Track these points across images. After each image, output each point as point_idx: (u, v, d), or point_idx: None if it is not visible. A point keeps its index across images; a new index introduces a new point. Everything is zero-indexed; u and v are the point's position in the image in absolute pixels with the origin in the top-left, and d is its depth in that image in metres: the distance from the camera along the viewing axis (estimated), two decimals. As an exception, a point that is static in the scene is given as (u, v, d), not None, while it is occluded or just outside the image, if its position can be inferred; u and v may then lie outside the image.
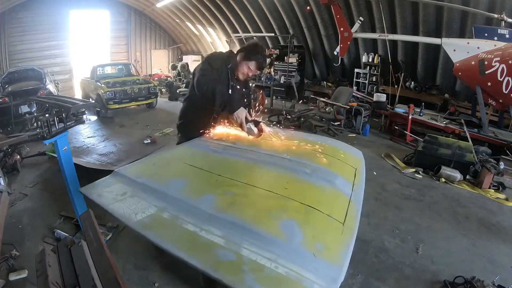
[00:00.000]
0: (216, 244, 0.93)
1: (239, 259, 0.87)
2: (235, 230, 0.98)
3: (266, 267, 0.85)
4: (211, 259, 0.88)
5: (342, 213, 1.17)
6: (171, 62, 13.99)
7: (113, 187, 1.28)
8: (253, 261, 0.86)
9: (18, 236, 2.47)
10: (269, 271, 0.84)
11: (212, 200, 1.16)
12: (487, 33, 5.00)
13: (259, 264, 0.85)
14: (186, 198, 1.18)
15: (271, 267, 0.85)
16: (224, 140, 1.88)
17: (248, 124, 1.87)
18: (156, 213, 1.10)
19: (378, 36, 7.08)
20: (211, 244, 0.93)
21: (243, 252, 0.89)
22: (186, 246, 0.93)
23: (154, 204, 1.14)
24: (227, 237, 0.95)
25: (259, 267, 0.85)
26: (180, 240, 0.96)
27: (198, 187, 1.31)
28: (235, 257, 0.88)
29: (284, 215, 1.09)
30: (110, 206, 1.13)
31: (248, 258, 0.87)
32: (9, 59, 10.01)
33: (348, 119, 6.42)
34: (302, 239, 0.98)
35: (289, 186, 1.30)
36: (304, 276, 0.83)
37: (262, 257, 0.87)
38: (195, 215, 1.06)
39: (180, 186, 1.28)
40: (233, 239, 0.95)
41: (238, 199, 1.19)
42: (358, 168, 1.70)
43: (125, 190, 1.24)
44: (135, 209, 1.11)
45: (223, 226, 1.00)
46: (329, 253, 0.95)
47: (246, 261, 0.86)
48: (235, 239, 0.95)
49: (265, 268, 0.84)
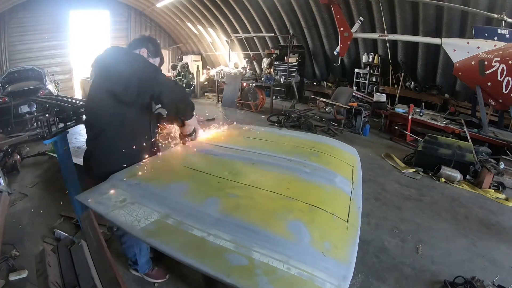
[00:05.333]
0: (226, 249, 0.91)
1: (251, 263, 0.86)
2: (243, 234, 0.97)
3: (278, 269, 0.84)
4: (223, 265, 0.86)
5: (345, 211, 1.18)
6: (171, 62, 13.98)
7: (111, 194, 1.23)
8: (265, 264, 0.86)
9: (18, 236, 2.47)
10: (282, 273, 0.83)
11: (216, 204, 1.14)
12: (487, 33, 5.01)
13: (271, 267, 0.85)
14: (189, 202, 1.16)
15: (283, 269, 0.84)
16: (219, 141, 1.86)
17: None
18: (160, 219, 1.06)
19: (378, 36, 7.08)
20: (220, 249, 0.92)
21: (254, 256, 0.88)
22: (195, 253, 0.91)
23: (156, 210, 1.10)
24: (236, 241, 0.94)
25: (272, 269, 0.84)
26: (188, 247, 0.94)
27: (201, 191, 1.27)
28: (247, 261, 0.87)
29: (290, 215, 1.09)
30: (110, 214, 1.09)
31: (259, 261, 0.86)
32: (9, 59, 9.99)
33: (348, 119, 6.42)
34: (310, 239, 0.98)
35: (291, 186, 1.29)
36: (316, 276, 0.84)
37: (274, 259, 0.87)
38: (201, 219, 1.04)
39: (182, 190, 1.25)
40: (243, 242, 0.93)
41: (243, 202, 1.17)
42: (354, 166, 1.71)
43: (125, 196, 1.20)
44: (137, 216, 1.07)
45: (231, 229, 0.98)
46: (337, 252, 0.96)
47: (258, 265, 0.85)
48: (244, 242, 0.93)
49: (277, 271, 0.84)
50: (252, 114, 7.97)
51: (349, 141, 5.72)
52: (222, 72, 10.11)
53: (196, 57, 13.27)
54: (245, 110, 8.36)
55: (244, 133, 2.18)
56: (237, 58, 12.53)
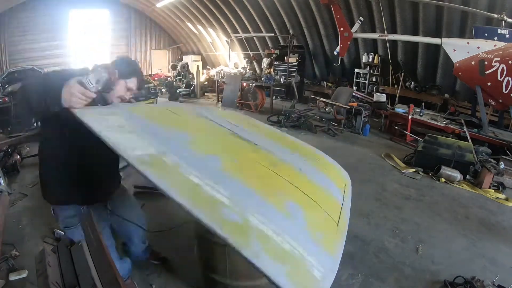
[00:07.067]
0: (222, 202, 0.83)
1: (245, 224, 0.80)
2: (242, 195, 0.90)
3: (272, 238, 0.79)
4: (217, 216, 0.78)
5: (336, 215, 1.17)
6: (171, 62, 13.99)
7: (109, 117, 1.14)
8: (260, 230, 0.80)
9: (18, 236, 2.47)
10: (275, 243, 0.79)
11: (219, 161, 1.05)
12: (487, 33, 5.01)
13: (266, 234, 0.80)
14: (191, 150, 1.06)
15: (277, 241, 0.80)
16: (228, 118, 1.79)
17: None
18: (157, 154, 0.95)
19: (378, 36, 7.08)
20: (216, 201, 0.83)
21: (250, 219, 0.82)
22: (189, 195, 0.81)
23: (154, 145, 0.99)
24: (233, 198, 0.85)
25: (266, 236, 0.79)
26: (182, 187, 0.84)
27: (204, 145, 1.18)
28: (242, 220, 0.80)
29: (290, 197, 1.06)
30: (103, 133, 0.96)
31: (254, 225, 0.81)
32: (9, 59, 10.00)
33: (348, 119, 6.42)
34: (306, 224, 0.96)
35: (293, 175, 1.27)
36: (306, 258, 0.81)
37: (269, 229, 0.81)
38: (200, 168, 0.93)
39: (185, 138, 1.16)
40: (240, 202, 0.86)
41: (246, 168, 1.11)
42: (346, 185, 1.63)
43: (123, 124, 1.11)
44: (133, 144, 0.96)
45: (230, 187, 0.90)
46: (327, 244, 0.95)
47: (252, 227, 0.80)
48: (241, 203, 0.86)
49: (271, 239, 0.79)
50: (252, 114, 7.97)
51: (349, 141, 5.74)
52: (222, 72, 10.12)
53: (196, 57, 13.29)
54: (245, 110, 8.36)
55: (248, 121, 2.17)
56: (237, 58, 12.54)
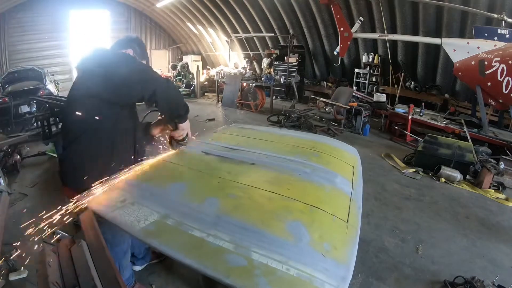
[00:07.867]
0: (225, 249, 0.91)
1: (250, 264, 0.86)
2: (242, 234, 0.96)
3: (278, 270, 0.84)
4: (222, 265, 0.86)
5: (345, 212, 1.18)
6: (171, 62, 13.99)
7: (111, 194, 1.23)
8: (264, 265, 0.85)
9: (18, 236, 2.46)
10: (281, 273, 0.83)
11: (216, 204, 1.14)
12: (487, 33, 5.01)
13: (271, 267, 0.85)
14: (188, 202, 1.15)
15: (283, 270, 0.84)
16: (219, 141, 1.84)
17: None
18: (160, 219, 1.06)
19: (378, 36, 7.08)
20: (220, 249, 0.91)
21: (253, 256, 0.88)
22: (194, 253, 0.91)
23: (156, 210, 1.09)
24: (235, 241, 0.94)
25: (271, 270, 0.84)
26: (187, 247, 0.94)
27: (200, 191, 1.27)
28: (246, 262, 0.87)
29: (289, 216, 1.09)
30: (110, 214, 1.08)
31: (258, 262, 0.86)
32: (9, 59, 10.00)
33: (348, 119, 6.42)
34: (310, 239, 0.98)
35: (291, 187, 1.29)
36: (315, 277, 0.84)
37: (273, 260, 0.87)
38: (200, 220, 1.04)
39: (181, 190, 1.25)
40: (242, 243, 0.93)
41: (242, 202, 1.17)
42: (355, 166, 1.70)
43: (124, 196, 1.19)
44: (137, 216, 1.06)
45: (230, 230, 0.98)
46: (336, 252, 0.96)
47: (257, 265, 0.85)
48: (243, 243, 0.93)
49: (276, 271, 0.84)
50: (252, 114, 7.97)
51: (349, 141, 5.70)
52: (222, 72, 10.11)
53: (196, 57, 13.29)
54: (245, 110, 8.36)
55: (244, 133, 2.18)
56: (237, 58, 12.53)
